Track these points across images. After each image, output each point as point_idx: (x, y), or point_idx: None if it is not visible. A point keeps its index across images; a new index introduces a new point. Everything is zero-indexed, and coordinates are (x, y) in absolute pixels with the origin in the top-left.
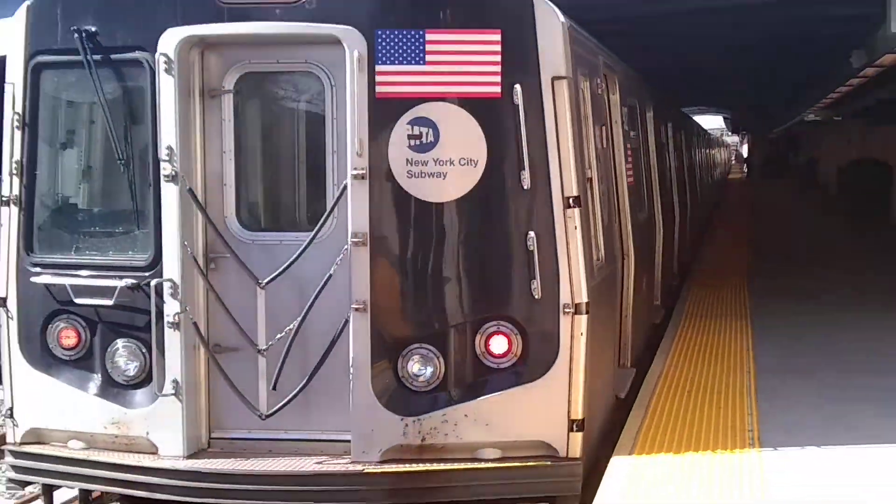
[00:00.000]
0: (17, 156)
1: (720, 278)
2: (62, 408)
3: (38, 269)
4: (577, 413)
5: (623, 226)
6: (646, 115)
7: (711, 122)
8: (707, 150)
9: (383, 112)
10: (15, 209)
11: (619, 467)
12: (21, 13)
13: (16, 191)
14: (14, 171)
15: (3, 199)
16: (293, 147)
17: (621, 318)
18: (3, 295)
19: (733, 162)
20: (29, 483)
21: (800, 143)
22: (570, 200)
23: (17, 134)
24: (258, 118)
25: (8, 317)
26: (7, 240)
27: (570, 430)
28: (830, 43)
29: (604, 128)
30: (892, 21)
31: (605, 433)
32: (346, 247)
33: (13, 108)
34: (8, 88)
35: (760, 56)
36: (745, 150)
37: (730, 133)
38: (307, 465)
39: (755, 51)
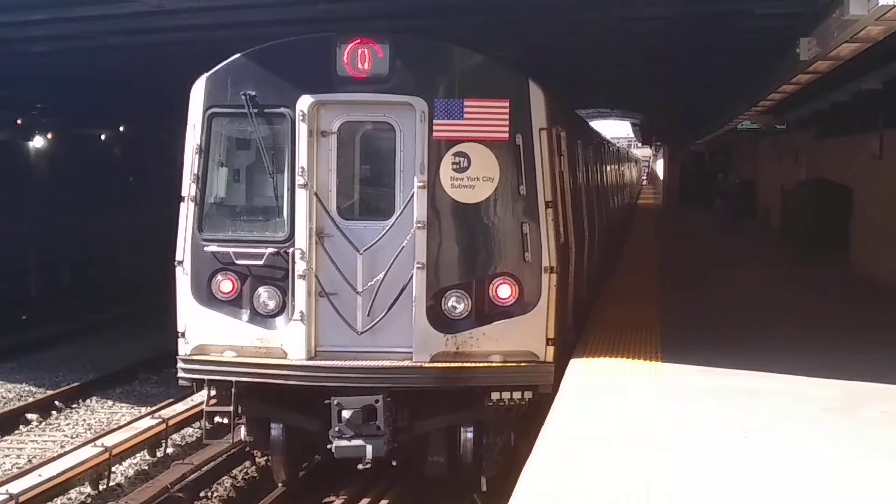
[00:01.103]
0: (195, 170)
1: None
2: (220, 330)
3: (206, 243)
4: (551, 334)
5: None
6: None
7: (615, 130)
8: (607, 169)
9: (437, 148)
10: (192, 204)
11: (577, 362)
12: (202, 81)
13: (193, 192)
14: (193, 180)
15: (184, 198)
16: (373, 168)
17: (572, 282)
18: (181, 259)
19: (644, 182)
20: (197, 381)
21: (731, 158)
22: (547, 203)
23: (196, 157)
24: (351, 150)
25: (183, 272)
26: (185, 224)
27: (547, 344)
28: (771, 27)
29: (561, 157)
30: (852, 1)
31: (565, 347)
32: (412, 229)
33: (194, 140)
34: (190, 128)
35: (677, 41)
36: (660, 167)
37: (639, 144)
38: (384, 363)
39: (669, 36)
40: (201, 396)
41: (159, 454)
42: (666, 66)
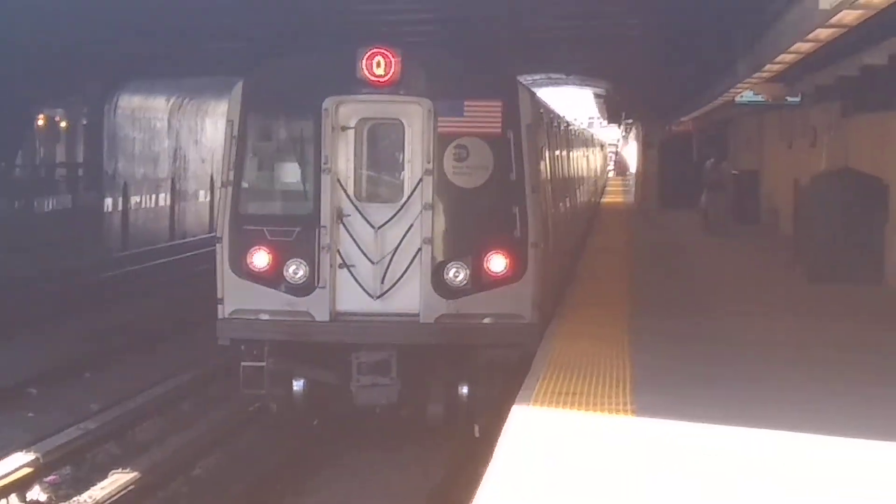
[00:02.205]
0: (232, 158)
1: None
2: (254, 297)
3: (243, 222)
4: (536, 298)
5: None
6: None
7: (571, 103)
8: (556, 157)
9: (441, 141)
10: (230, 189)
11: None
12: (240, 84)
13: (231, 178)
14: (231, 168)
15: (224, 183)
16: (384, 158)
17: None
18: (220, 236)
19: (610, 174)
20: (238, 341)
21: (727, 140)
22: (533, 188)
23: (234, 148)
24: (365, 142)
25: (222, 248)
26: (225, 206)
27: (532, 307)
28: None
29: (542, 148)
30: None
31: (548, 312)
32: (419, 210)
33: (232, 133)
34: (229, 123)
35: None
36: (631, 153)
37: (604, 122)
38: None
39: None
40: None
41: None
42: (636, 17)
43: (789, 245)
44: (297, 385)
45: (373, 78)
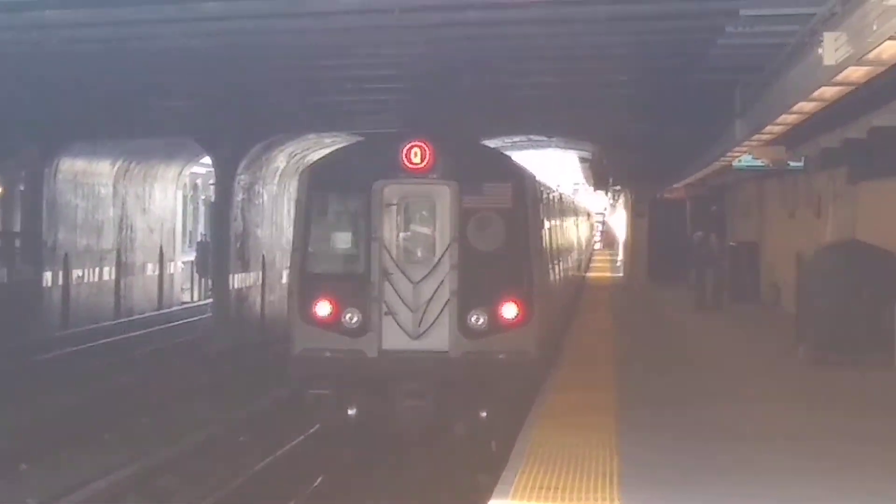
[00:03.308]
0: (301, 230)
1: None
2: (319, 340)
3: (310, 278)
4: (540, 338)
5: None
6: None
7: (554, 167)
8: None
9: (465, 214)
10: (300, 253)
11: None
12: (307, 170)
13: (300, 244)
14: (300, 236)
15: (294, 247)
16: (418, 228)
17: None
18: (292, 290)
19: (596, 244)
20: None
21: (723, 210)
22: (536, 251)
23: (301, 220)
24: (405, 215)
25: (293, 299)
26: (295, 266)
27: (537, 345)
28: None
29: (542, 219)
30: None
31: (549, 350)
32: (448, 268)
33: (299, 209)
34: (297, 201)
35: (638, 45)
36: (619, 223)
37: (590, 188)
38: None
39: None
40: None
41: None
42: (624, 74)
43: (791, 324)
44: (352, 411)
45: (411, 165)
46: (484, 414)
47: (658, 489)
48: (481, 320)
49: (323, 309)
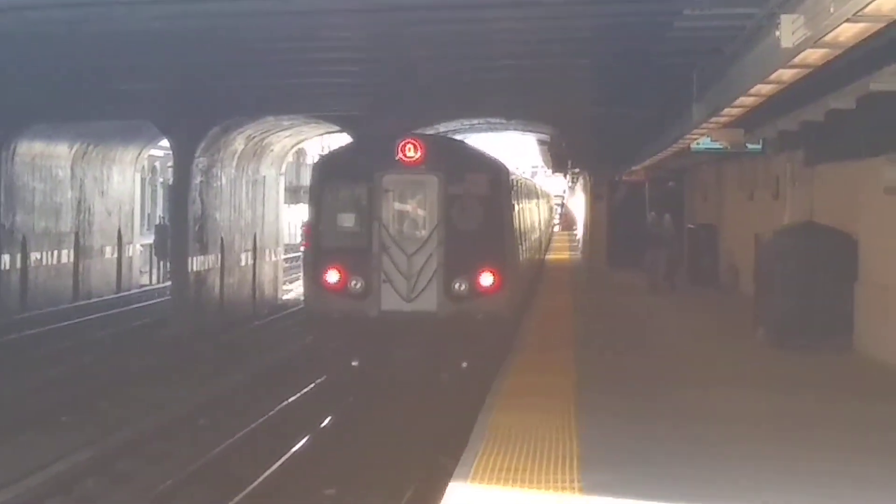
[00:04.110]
0: (314, 212)
1: None
2: (329, 302)
3: (323, 251)
4: (510, 302)
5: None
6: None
7: (512, 150)
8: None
9: (450, 200)
10: (314, 230)
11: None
12: (318, 163)
13: (312, 224)
14: (315, 216)
15: (311, 225)
16: (411, 210)
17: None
18: (308, 262)
19: (555, 227)
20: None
21: (682, 192)
22: (508, 231)
23: (314, 204)
24: (397, 199)
25: (309, 268)
26: (312, 240)
27: (508, 307)
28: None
29: (515, 201)
30: None
31: (518, 311)
32: (436, 244)
33: (311, 196)
34: (311, 189)
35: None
36: (578, 205)
37: (549, 171)
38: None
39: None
40: None
41: None
42: (584, 57)
43: (750, 307)
44: (355, 362)
45: (406, 159)
46: (465, 364)
47: (617, 471)
48: (463, 287)
49: (332, 277)
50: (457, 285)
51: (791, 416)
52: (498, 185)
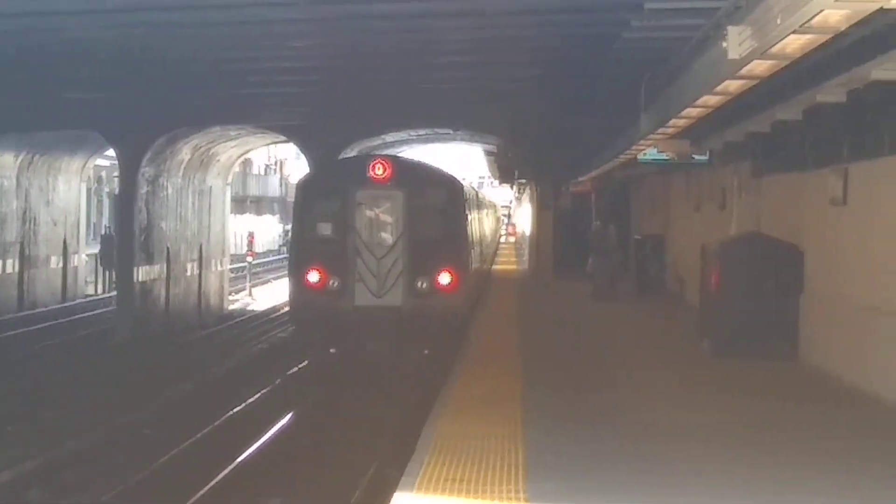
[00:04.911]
0: (298, 222)
1: None
2: (311, 298)
3: (304, 256)
4: (465, 299)
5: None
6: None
7: (460, 161)
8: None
9: (413, 211)
10: (297, 238)
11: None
12: (302, 181)
13: (297, 232)
14: (298, 227)
15: (294, 234)
16: (382, 221)
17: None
18: (293, 265)
19: (503, 237)
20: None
21: (629, 203)
22: (463, 237)
23: (298, 215)
24: (368, 210)
25: (294, 270)
26: (294, 248)
27: (463, 304)
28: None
29: (468, 212)
30: None
31: (471, 306)
32: (401, 249)
33: (296, 208)
34: (295, 204)
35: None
36: (525, 216)
37: (495, 182)
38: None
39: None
40: None
41: None
42: (532, 68)
43: (696, 317)
44: (333, 350)
45: (375, 177)
46: (426, 351)
47: (563, 480)
48: (425, 285)
49: (314, 277)
50: (419, 284)
51: (736, 425)
52: (454, 198)
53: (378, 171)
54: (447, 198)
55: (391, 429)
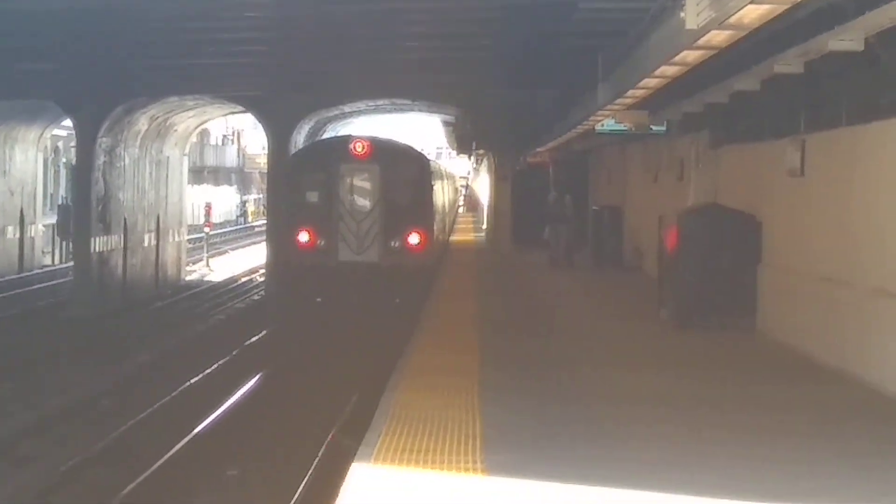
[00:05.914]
0: (291, 192)
1: None
2: (302, 256)
3: (298, 220)
4: (432, 256)
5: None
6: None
7: (418, 131)
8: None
9: (388, 182)
10: (290, 205)
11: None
12: (293, 156)
13: (290, 200)
14: (291, 197)
15: (288, 202)
16: (362, 191)
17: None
18: (287, 228)
19: (460, 208)
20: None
21: (587, 174)
22: (431, 204)
23: (291, 186)
24: (350, 180)
25: (287, 232)
26: (290, 212)
27: (430, 260)
28: None
29: (434, 183)
30: None
31: (437, 262)
32: (378, 213)
33: (289, 179)
34: (287, 176)
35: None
36: (483, 187)
37: (453, 153)
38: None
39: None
40: None
41: None
42: (489, 38)
43: (654, 288)
44: (319, 299)
45: (356, 153)
46: (398, 300)
47: (520, 451)
48: (397, 244)
49: (304, 237)
50: (392, 243)
51: (694, 397)
52: (422, 171)
53: (359, 148)
54: (417, 171)
55: (349, 400)
